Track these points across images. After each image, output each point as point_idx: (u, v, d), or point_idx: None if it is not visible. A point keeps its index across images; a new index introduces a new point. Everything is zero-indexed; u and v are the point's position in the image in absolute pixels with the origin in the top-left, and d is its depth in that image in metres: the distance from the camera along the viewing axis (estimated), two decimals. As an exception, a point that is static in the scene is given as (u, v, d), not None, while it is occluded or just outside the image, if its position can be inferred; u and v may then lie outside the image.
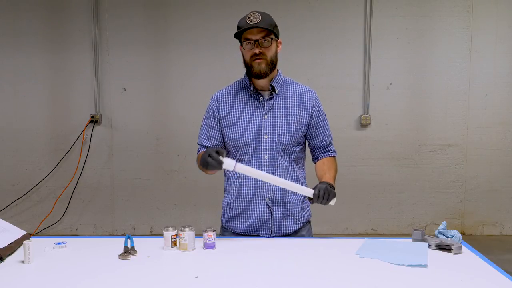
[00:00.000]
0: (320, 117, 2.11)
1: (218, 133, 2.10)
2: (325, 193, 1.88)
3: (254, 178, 2.02)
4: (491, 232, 4.71)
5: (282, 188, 2.02)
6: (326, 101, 4.27)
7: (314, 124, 2.10)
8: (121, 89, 4.62)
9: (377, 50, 4.53)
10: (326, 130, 2.14)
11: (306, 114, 2.07)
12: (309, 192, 1.91)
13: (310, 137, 2.12)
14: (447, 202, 4.68)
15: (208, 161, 1.82)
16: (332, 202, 1.93)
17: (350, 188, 4.61)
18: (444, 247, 1.81)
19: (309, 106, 2.08)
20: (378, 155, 4.63)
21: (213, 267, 1.65)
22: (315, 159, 2.19)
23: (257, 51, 1.95)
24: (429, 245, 1.83)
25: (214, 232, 1.84)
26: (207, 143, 2.12)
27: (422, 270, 1.60)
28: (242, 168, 1.85)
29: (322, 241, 1.99)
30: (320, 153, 2.17)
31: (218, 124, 2.09)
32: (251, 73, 2.00)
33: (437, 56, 4.55)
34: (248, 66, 2.01)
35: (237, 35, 2.00)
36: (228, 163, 1.82)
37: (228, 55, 4.37)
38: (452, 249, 1.78)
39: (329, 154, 2.17)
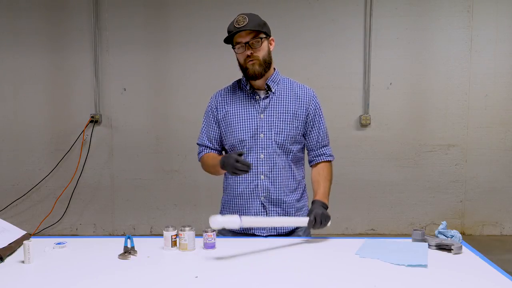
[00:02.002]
0: (316, 116, 2.10)
1: (218, 132, 2.12)
2: (321, 219, 1.90)
3: (251, 177, 2.03)
4: (491, 232, 4.71)
5: (278, 187, 2.04)
6: (326, 101, 4.28)
7: (310, 122, 2.09)
8: (121, 89, 4.62)
9: (377, 50, 4.53)
10: (321, 130, 2.12)
11: (303, 112, 2.07)
12: (305, 221, 1.91)
13: (306, 136, 2.11)
14: (447, 202, 4.68)
15: (236, 166, 1.82)
16: (328, 224, 1.95)
17: (350, 188, 4.61)
18: (444, 247, 1.81)
19: (305, 104, 2.08)
20: (378, 155, 4.63)
21: (213, 267, 1.65)
22: (310, 162, 2.17)
23: (248, 53, 1.97)
24: (429, 245, 1.83)
25: (214, 232, 1.84)
26: (207, 143, 2.14)
27: (422, 270, 1.60)
28: (248, 221, 1.82)
29: (322, 241, 1.99)
30: (315, 156, 2.14)
31: (217, 124, 2.11)
32: (247, 76, 2.02)
33: (437, 56, 4.55)
34: (243, 68, 2.03)
35: (229, 41, 2.01)
36: (233, 220, 1.74)
37: (228, 54, 4.33)
38: (452, 249, 1.78)
39: (324, 158, 2.13)
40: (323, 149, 2.14)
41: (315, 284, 1.51)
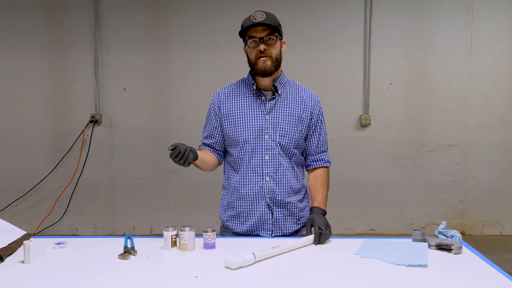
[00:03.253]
0: (319, 121, 2.10)
1: (220, 131, 2.10)
2: (326, 230, 1.89)
3: (255, 178, 2.02)
4: (491, 232, 4.71)
5: (283, 189, 2.03)
6: (326, 101, 4.26)
7: (312, 126, 2.09)
8: (121, 89, 4.62)
9: (377, 50, 4.53)
10: (321, 135, 2.11)
11: (307, 116, 2.06)
12: (310, 238, 1.90)
13: (306, 139, 2.10)
14: (447, 202, 4.68)
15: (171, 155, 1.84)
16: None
17: (350, 188, 4.61)
18: (444, 247, 1.81)
19: (310, 108, 2.07)
20: (378, 155, 4.63)
21: (213, 267, 1.64)
22: (307, 166, 2.16)
23: (262, 48, 1.94)
24: (429, 245, 1.83)
25: (214, 232, 1.84)
26: (208, 140, 2.12)
27: (422, 270, 1.60)
28: (261, 254, 1.70)
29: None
30: (313, 161, 2.13)
31: (219, 122, 2.09)
32: (256, 72, 2.00)
33: (437, 56, 4.55)
34: (252, 65, 2.00)
35: (242, 34, 1.99)
36: (249, 258, 1.65)
37: (228, 54, 4.37)
38: (452, 249, 1.78)
39: (322, 164, 2.13)
40: (321, 154, 2.13)
41: (315, 284, 1.51)
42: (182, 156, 1.84)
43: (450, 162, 4.64)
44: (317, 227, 1.89)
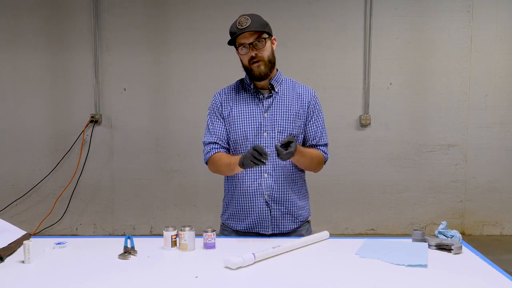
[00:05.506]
0: (315, 114, 2.09)
1: (224, 129, 2.08)
2: (288, 152, 1.81)
3: (254, 176, 2.02)
4: (491, 232, 4.71)
5: (281, 186, 2.03)
6: (326, 101, 4.29)
7: (308, 119, 2.09)
8: (121, 89, 4.62)
9: (377, 50, 4.53)
10: (318, 127, 2.09)
11: (304, 111, 2.07)
12: (305, 240, 1.91)
13: (304, 132, 2.09)
14: (447, 202, 4.68)
15: (253, 153, 1.76)
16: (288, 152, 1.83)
17: (350, 188, 4.61)
18: (444, 247, 1.81)
19: (307, 103, 2.08)
20: (378, 155, 4.63)
21: (213, 267, 1.65)
22: None
23: (253, 54, 1.96)
24: (429, 245, 1.84)
25: (214, 232, 1.85)
26: (216, 139, 2.08)
27: (422, 270, 1.60)
28: (261, 254, 1.71)
29: (322, 241, 1.99)
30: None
31: (223, 120, 2.09)
32: (252, 76, 2.02)
33: (437, 56, 4.55)
34: (247, 69, 2.02)
35: (231, 42, 2.01)
36: (249, 258, 1.66)
37: (228, 55, 4.34)
38: (452, 249, 1.78)
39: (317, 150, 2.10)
40: (319, 147, 2.11)
41: (315, 284, 1.51)
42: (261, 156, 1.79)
43: (450, 162, 4.64)
44: (287, 140, 1.82)
